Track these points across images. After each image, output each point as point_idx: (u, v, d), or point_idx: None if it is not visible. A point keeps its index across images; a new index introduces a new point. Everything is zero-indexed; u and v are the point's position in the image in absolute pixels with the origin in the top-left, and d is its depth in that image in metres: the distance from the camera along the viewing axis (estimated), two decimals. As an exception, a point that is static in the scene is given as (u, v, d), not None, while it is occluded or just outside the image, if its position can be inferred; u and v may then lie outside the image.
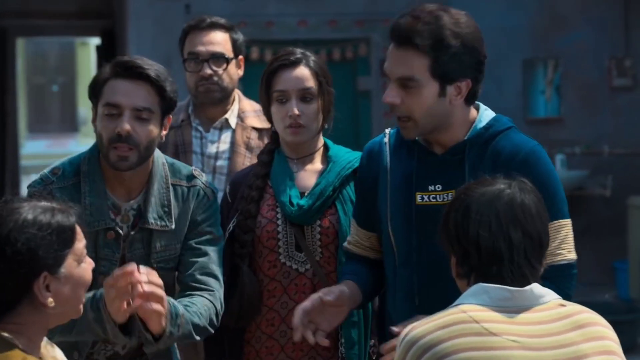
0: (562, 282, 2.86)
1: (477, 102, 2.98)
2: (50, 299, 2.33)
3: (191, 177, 3.18)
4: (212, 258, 3.13)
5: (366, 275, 3.08)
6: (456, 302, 2.39)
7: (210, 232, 3.16)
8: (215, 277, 3.12)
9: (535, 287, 2.39)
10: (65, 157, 3.22)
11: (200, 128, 4.18)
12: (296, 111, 3.33)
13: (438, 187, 2.89)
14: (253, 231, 3.36)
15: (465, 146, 2.88)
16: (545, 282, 2.78)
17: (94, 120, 3.07)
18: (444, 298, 2.83)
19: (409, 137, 2.90)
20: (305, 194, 3.35)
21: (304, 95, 3.36)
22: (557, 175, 2.91)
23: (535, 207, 2.44)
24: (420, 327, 2.34)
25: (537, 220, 2.43)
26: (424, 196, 2.90)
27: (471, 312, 2.33)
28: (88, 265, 2.43)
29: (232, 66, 4.14)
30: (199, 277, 3.09)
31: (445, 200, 2.86)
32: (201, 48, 4.12)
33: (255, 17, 9.74)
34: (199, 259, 3.11)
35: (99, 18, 16.18)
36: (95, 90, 3.04)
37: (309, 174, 3.40)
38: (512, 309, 2.35)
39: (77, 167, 3.09)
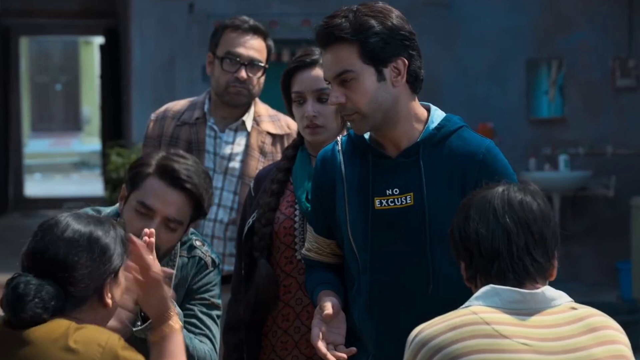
0: None
1: (427, 103, 2.99)
2: (110, 300, 2.49)
3: (191, 248, 3.16)
4: (204, 321, 3.09)
5: (336, 281, 3.05)
6: (467, 304, 2.38)
7: (206, 298, 3.12)
8: (208, 337, 3.08)
9: (547, 290, 2.38)
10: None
11: (215, 127, 4.15)
12: (312, 112, 3.35)
13: (395, 191, 2.87)
14: (272, 224, 3.38)
15: (419, 147, 2.87)
16: None
17: (121, 199, 3.06)
18: (410, 303, 2.85)
19: (360, 131, 2.89)
20: None
21: (321, 96, 3.37)
22: (512, 169, 2.92)
23: (537, 205, 2.44)
24: (431, 328, 2.33)
25: (539, 217, 2.43)
26: (382, 201, 2.88)
27: (482, 313, 2.32)
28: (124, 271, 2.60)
29: (263, 75, 4.14)
30: (190, 334, 3.04)
31: (403, 203, 2.86)
32: (242, 50, 4.10)
33: (259, 17, 9.69)
34: (191, 319, 3.07)
35: (103, 17, 16.20)
36: (134, 179, 3.02)
37: None
38: (524, 311, 2.34)
39: None
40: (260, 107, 4.21)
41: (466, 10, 9.93)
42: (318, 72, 3.37)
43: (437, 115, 2.95)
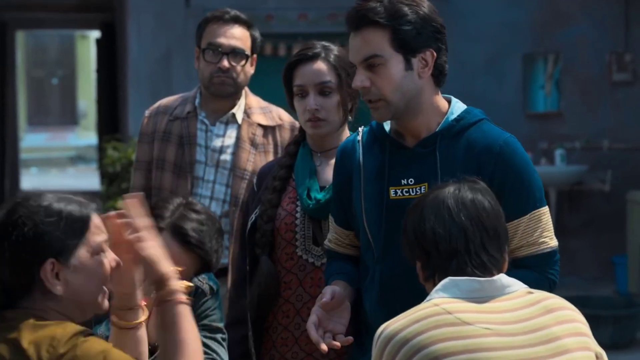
0: (548, 269, 2.91)
1: (449, 95, 2.99)
2: (59, 287, 2.34)
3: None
4: (209, 346, 3.09)
5: (353, 272, 3.07)
6: (428, 297, 2.43)
7: (207, 324, 3.12)
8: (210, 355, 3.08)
9: (503, 277, 2.44)
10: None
11: (206, 121, 4.19)
12: (314, 105, 3.35)
13: (411, 181, 2.88)
14: (274, 221, 3.39)
15: (437, 138, 2.88)
16: (531, 271, 2.81)
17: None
18: (417, 293, 2.82)
19: (383, 119, 2.90)
20: (326, 187, 3.37)
21: (322, 90, 3.37)
22: (532, 165, 2.91)
23: (488, 203, 2.51)
24: (395, 324, 2.38)
25: (491, 214, 2.49)
26: (397, 190, 2.89)
27: (443, 304, 2.37)
28: (107, 260, 2.41)
29: (248, 64, 4.15)
30: None
31: (418, 193, 2.86)
32: (223, 40, 4.13)
33: (255, 11, 9.73)
34: None
35: (99, 11, 16.18)
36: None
37: (331, 169, 3.43)
38: (483, 299, 2.40)
39: None
40: (251, 99, 4.23)
41: (463, 4, 9.93)
42: (320, 65, 3.38)
43: (458, 107, 2.97)
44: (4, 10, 16.46)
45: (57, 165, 23.20)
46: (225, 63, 4.10)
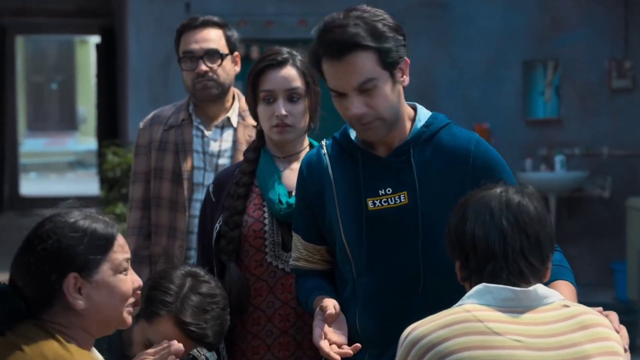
0: (561, 255, 2.85)
1: (413, 102, 2.98)
2: (81, 302, 2.39)
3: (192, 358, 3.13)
4: None
5: (330, 287, 3.03)
6: (460, 302, 2.38)
7: None
8: None
9: (540, 288, 2.39)
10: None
11: (201, 127, 4.20)
12: (283, 111, 3.33)
13: (388, 191, 2.86)
14: (240, 227, 3.36)
15: (409, 146, 2.87)
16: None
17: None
18: (406, 302, 2.84)
19: (377, 138, 2.86)
20: (293, 193, 3.35)
21: (291, 95, 3.36)
22: (504, 161, 2.91)
23: (534, 208, 2.44)
24: (423, 327, 2.33)
25: (535, 220, 2.43)
26: (375, 201, 2.86)
27: (475, 311, 2.32)
28: (129, 278, 2.47)
29: (227, 62, 4.17)
30: None
31: (397, 202, 2.84)
32: (195, 46, 4.16)
33: (255, 17, 9.74)
34: None
35: (99, 16, 16.19)
36: (148, 311, 2.94)
37: (296, 174, 3.40)
38: (516, 309, 2.34)
39: None
40: (245, 102, 4.24)
41: (462, 11, 9.94)
42: (289, 71, 3.37)
43: (424, 113, 2.96)
44: (4, 15, 16.47)
45: (57, 170, 23.20)
46: (202, 67, 4.13)
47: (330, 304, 2.88)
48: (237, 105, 4.22)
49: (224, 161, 4.16)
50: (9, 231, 13.11)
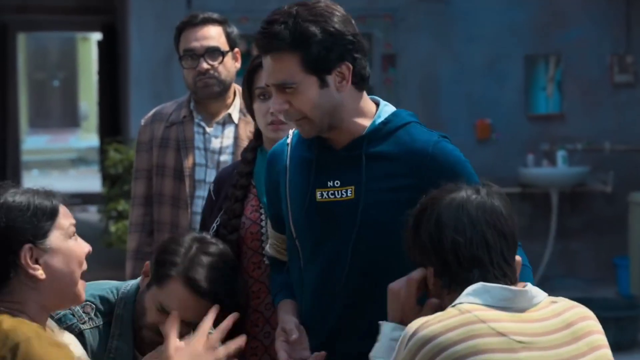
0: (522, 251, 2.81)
1: (377, 97, 2.93)
2: (40, 271, 2.42)
3: None
4: None
5: (291, 283, 3.02)
6: (458, 300, 2.37)
7: None
8: None
9: (532, 288, 2.40)
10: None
11: (202, 124, 4.21)
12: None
13: (337, 183, 2.82)
14: (238, 231, 3.35)
15: (364, 141, 2.82)
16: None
17: (144, 275, 2.99)
18: (333, 297, 2.82)
19: (309, 135, 2.83)
20: None
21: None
22: (466, 161, 2.82)
23: (504, 208, 2.45)
24: (429, 327, 2.32)
25: (509, 220, 2.44)
26: (323, 192, 2.83)
27: (476, 311, 2.32)
28: (80, 242, 2.51)
29: (228, 59, 4.17)
30: None
31: (343, 196, 2.81)
32: (196, 44, 4.16)
33: (257, 13, 9.73)
34: None
35: (100, 13, 16.18)
36: (158, 275, 2.94)
37: None
38: (513, 308, 2.35)
39: (110, 307, 3.00)
40: None
41: (464, 6, 9.92)
42: None
43: (385, 110, 2.88)
44: (5, 12, 16.47)
45: (59, 167, 23.20)
46: (204, 65, 4.13)
47: (293, 328, 2.86)
48: (238, 102, 4.23)
49: (225, 158, 4.16)
50: (12, 228, 13.09)
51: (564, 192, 9.88)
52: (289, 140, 2.98)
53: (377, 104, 2.90)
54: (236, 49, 4.23)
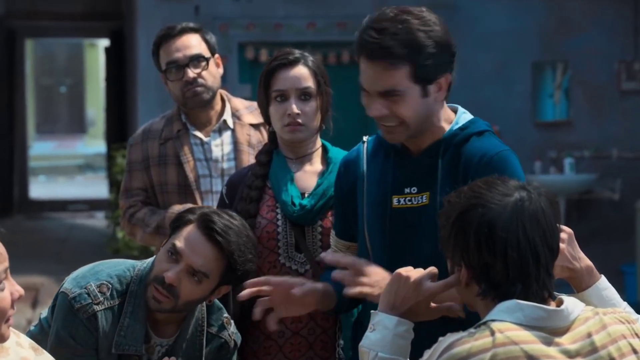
0: None
1: (455, 105, 2.96)
2: None
3: (222, 327, 3.12)
4: None
5: (338, 285, 2.99)
6: (489, 317, 2.31)
7: None
8: None
9: (569, 305, 2.35)
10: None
11: (198, 134, 4.18)
12: (295, 109, 3.32)
13: (413, 190, 2.84)
14: (253, 230, 3.36)
15: (441, 146, 2.84)
16: None
17: (162, 246, 3.01)
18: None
19: (398, 141, 2.85)
20: (306, 195, 3.35)
21: (303, 94, 3.35)
22: (523, 177, 2.78)
23: (554, 217, 2.38)
24: (462, 346, 2.26)
25: (556, 230, 2.39)
26: (400, 199, 2.86)
27: (507, 331, 2.27)
28: (7, 292, 2.28)
29: (211, 65, 4.17)
30: None
31: (419, 202, 2.83)
32: (178, 54, 4.14)
33: (264, 19, 9.74)
34: None
35: (108, 19, 16.22)
36: (177, 224, 2.97)
37: (309, 175, 3.40)
38: (546, 329, 2.30)
39: (126, 286, 2.99)
40: (236, 102, 4.26)
41: (471, 12, 9.93)
42: (301, 70, 3.36)
43: (464, 117, 2.92)
44: (13, 18, 16.51)
45: (66, 173, 23.25)
46: (190, 74, 4.11)
47: (300, 284, 2.96)
48: (229, 107, 4.22)
49: (228, 164, 4.15)
50: (19, 234, 13.13)
51: (571, 199, 9.87)
52: (364, 147, 3.00)
53: (455, 111, 2.94)
54: (217, 55, 4.23)
